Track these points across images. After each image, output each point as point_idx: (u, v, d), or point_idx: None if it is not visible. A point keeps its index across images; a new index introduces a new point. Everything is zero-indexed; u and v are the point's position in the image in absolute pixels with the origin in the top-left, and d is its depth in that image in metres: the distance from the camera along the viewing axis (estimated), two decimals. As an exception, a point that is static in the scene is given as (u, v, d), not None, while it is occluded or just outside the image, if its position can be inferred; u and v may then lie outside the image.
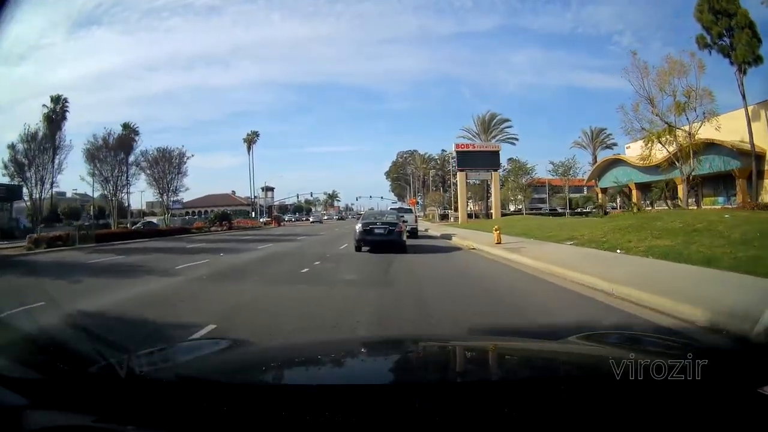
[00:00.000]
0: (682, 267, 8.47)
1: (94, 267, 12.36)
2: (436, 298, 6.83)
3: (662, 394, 1.15)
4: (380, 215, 15.82)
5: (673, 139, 25.36)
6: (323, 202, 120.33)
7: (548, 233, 17.21)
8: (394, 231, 13.85)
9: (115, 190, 30.39)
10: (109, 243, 22.27)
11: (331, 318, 5.41)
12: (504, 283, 8.35)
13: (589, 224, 17.58)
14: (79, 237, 22.68)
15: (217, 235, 29.00)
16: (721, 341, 4.16)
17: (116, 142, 30.00)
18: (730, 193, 32.69)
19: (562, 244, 14.13)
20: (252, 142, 72.84)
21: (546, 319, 5.48)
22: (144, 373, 1.43)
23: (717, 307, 5.04)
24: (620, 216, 20.95)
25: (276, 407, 1.12)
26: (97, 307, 6.30)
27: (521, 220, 27.96)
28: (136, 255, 15.33)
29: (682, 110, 24.62)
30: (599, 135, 55.06)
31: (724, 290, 6.16)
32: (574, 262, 9.76)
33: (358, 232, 14.03)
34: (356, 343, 2.76)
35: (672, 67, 25.15)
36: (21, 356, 1.46)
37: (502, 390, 1.29)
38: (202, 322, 5.12)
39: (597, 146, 54.74)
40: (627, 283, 6.87)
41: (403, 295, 7.02)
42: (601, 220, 19.73)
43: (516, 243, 14.96)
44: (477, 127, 49.76)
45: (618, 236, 13.38)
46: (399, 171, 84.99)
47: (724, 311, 4.83)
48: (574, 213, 49.18)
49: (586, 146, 54.67)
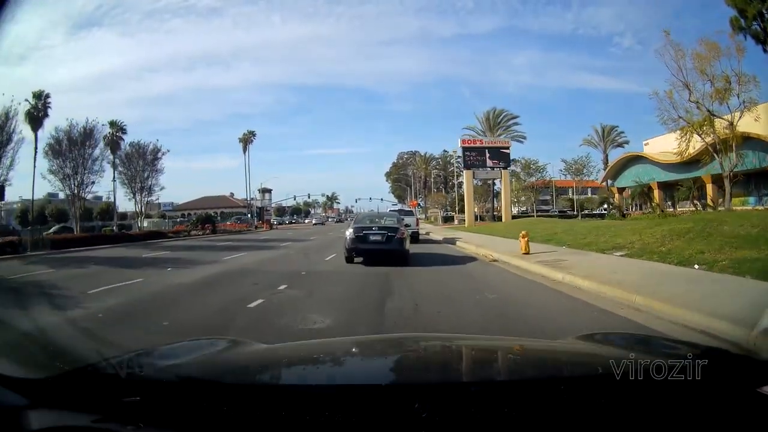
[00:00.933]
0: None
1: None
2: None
3: (662, 394, 1.14)
4: (377, 218, 13.29)
5: (713, 130, 21.96)
6: (323, 204, 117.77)
7: (581, 240, 14.02)
8: (394, 238, 11.19)
9: (78, 189, 26.93)
10: (65, 250, 19.35)
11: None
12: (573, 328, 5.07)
13: (629, 228, 14.35)
14: (32, 243, 19.63)
15: (192, 240, 25.77)
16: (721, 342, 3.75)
17: (82, 135, 26.63)
18: (762, 193, 29.46)
19: (610, 255, 10.98)
20: (248, 142, 70.70)
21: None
22: (144, 372, 1.43)
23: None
24: (672, 219, 17.63)
25: (276, 407, 1.12)
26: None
27: (537, 223, 24.67)
28: (70, 268, 12.74)
29: (723, 97, 21.23)
30: (610, 133, 51.73)
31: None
32: (651, 285, 6.75)
33: (348, 239, 11.38)
34: (356, 343, 2.57)
35: (709, 49, 21.83)
36: (21, 356, 1.60)
37: (502, 390, 1.28)
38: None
39: (608, 144, 51.36)
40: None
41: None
42: (641, 223, 16.52)
43: (549, 253, 11.77)
44: (482, 124, 46.45)
45: (681, 245, 10.37)
46: (399, 172, 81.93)
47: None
48: (586, 215, 45.85)
49: (597, 144, 51.24)
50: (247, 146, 71.69)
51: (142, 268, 11.93)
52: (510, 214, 36.01)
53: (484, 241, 17.41)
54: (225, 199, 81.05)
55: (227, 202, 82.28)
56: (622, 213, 34.42)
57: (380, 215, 14.41)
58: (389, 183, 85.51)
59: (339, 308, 6.28)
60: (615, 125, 50.57)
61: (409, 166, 79.33)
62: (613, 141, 52.11)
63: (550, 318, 5.70)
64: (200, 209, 76.78)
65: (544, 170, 51.95)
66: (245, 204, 71.06)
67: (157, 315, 6.07)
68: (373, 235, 11.20)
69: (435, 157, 74.18)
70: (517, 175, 50.09)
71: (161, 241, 23.67)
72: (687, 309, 5.20)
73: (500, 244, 15.03)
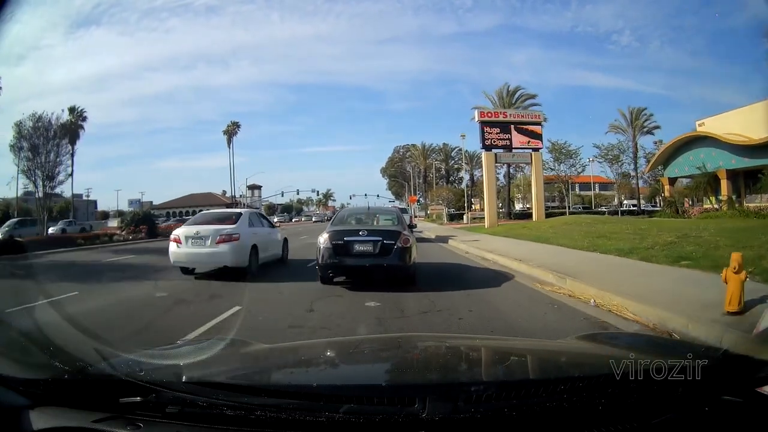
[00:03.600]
0: None
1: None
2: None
3: (662, 394, 1.15)
4: (367, 217, 9.03)
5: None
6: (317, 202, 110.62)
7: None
8: (393, 248, 7.30)
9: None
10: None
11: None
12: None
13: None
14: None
15: (101, 250, 17.23)
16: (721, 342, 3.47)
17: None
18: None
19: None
20: (233, 134, 64.86)
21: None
22: (143, 373, 1.36)
23: None
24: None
25: (276, 407, 1.12)
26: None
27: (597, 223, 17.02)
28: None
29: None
30: (639, 116, 43.85)
31: None
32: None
33: (323, 249, 7.54)
34: (356, 343, 2.56)
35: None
36: (21, 356, 1.47)
37: (501, 390, 1.24)
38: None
39: (637, 130, 43.52)
40: None
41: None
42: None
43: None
44: (495, 103, 38.47)
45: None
46: (396, 167, 73.76)
47: None
48: (624, 212, 37.97)
49: (625, 130, 43.44)
50: (231, 139, 66.25)
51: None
52: (543, 210, 27.53)
53: (545, 255, 10.31)
54: (211, 196, 75.79)
55: (214, 199, 76.25)
56: (677, 209, 26.69)
57: (372, 212, 9.38)
58: (385, 179, 77.69)
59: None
60: (643, 107, 42.74)
61: (407, 160, 71.38)
62: (642, 126, 44.21)
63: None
64: (183, 207, 70.01)
65: (577, 156, 41.63)
66: (234, 201, 65.28)
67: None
68: (360, 243, 7.42)
69: (435, 149, 66.01)
70: (555, 152, 40.48)
71: (47, 254, 15.26)
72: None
73: (613, 274, 7.34)
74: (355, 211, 9.96)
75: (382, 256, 7.25)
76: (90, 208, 63.71)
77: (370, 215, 9.05)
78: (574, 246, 11.70)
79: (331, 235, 7.55)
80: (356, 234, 7.53)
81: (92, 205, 67.17)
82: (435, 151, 66.22)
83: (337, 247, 7.36)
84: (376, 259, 7.26)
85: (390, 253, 7.26)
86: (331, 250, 7.37)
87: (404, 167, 72.85)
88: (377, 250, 7.27)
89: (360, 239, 7.41)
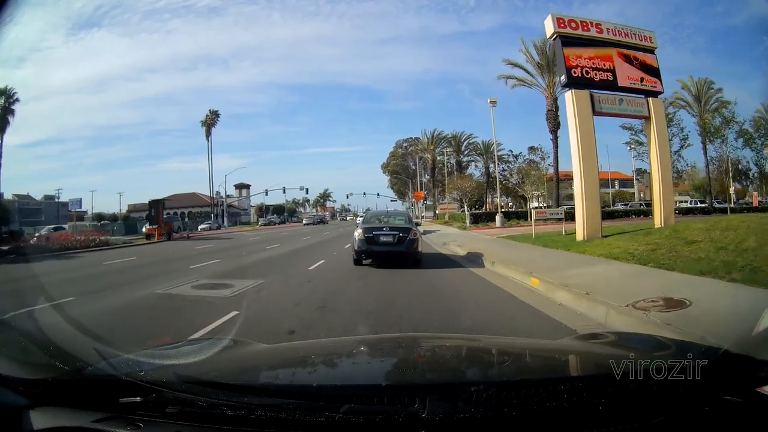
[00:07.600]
0: None
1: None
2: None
3: (662, 394, 1.15)
4: (386, 216, 12.81)
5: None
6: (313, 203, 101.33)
7: None
8: (406, 239, 10.64)
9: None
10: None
11: None
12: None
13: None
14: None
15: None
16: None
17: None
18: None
19: None
20: (211, 125, 57.95)
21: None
22: (143, 373, 1.36)
23: None
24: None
25: (276, 407, 1.12)
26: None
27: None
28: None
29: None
30: (707, 89, 33.23)
31: None
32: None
33: (358, 240, 10.90)
34: (356, 342, 2.58)
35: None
36: (21, 356, 1.45)
37: (501, 390, 1.23)
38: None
39: (705, 107, 32.83)
40: None
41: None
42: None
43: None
44: (532, 60, 27.96)
45: None
46: (398, 162, 63.44)
47: None
48: (719, 210, 27.50)
49: (691, 105, 32.89)
50: (210, 131, 58.36)
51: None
52: (671, 204, 14.86)
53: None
54: (194, 196, 69.56)
55: (198, 200, 68.19)
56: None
57: (390, 214, 13.52)
58: (387, 176, 68.62)
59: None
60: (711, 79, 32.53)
61: (410, 156, 61.26)
62: (707, 101, 33.62)
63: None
64: (171, 208, 60.99)
65: (728, 106, 34.08)
66: (218, 201, 59.95)
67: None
68: (384, 235, 10.78)
69: (445, 136, 54.85)
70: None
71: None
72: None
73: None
74: (378, 213, 14.34)
75: (399, 244, 10.50)
76: (62, 210, 57.52)
77: (389, 215, 12.92)
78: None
79: (364, 230, 10.80)
80: (381, 229, 10.87)
81: (64, 207, 59.57)
82: (444, 138, 55.07)
83: (367, 239, 10.61)
84: (394, 247, 10.52)
85: (404, 243, 10.50)
86: (364, 240, 10.62)
87: (407, 163, 63.91)
88: (395, 240, 10.53)
89: (383, 233, 10.72)
